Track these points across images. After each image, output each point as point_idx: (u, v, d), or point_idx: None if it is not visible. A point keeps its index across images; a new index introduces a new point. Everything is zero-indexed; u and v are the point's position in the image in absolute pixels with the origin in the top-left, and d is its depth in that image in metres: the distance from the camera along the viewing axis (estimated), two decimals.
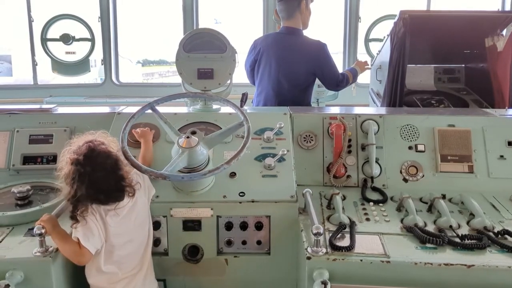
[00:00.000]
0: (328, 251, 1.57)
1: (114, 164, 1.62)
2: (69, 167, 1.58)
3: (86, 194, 1.56)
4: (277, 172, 2.00)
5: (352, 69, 3.62)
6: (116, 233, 1.65)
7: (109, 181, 1.60)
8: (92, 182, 1.56)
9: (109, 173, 1.60)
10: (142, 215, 1.75)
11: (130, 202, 1.68)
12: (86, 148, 1.59)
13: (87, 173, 1.56)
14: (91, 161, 1.57)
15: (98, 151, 1.60)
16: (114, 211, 1.63)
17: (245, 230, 1.89)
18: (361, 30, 5.64)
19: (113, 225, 1.64)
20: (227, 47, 2.37)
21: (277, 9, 3.45)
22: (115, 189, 1.61)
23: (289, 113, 2.33)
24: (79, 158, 1.57)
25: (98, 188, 1.58)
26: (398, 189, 2.06)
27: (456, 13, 3.34)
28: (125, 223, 1.67)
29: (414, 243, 1.63)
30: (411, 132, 2.24)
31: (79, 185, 1.55)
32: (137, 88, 5.99)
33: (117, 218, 1.64)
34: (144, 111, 1.94)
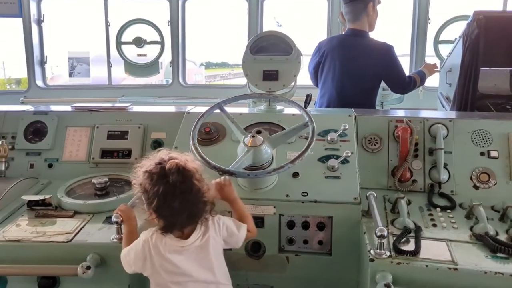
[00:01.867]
0: (392, 254, 1.56)
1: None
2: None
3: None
4: (340, 174, 2.00)
5: (420, 72, 3.52)
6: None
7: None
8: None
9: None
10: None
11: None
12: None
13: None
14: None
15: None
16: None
17: (307, 230, 1.91)
18: (430, 32, 5.45)
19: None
20: (292, 49, 2.41)
21: (342, 11, 3.44)
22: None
23: (354, 115, 2.32)
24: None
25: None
26: (468, 196, 1.98)
27: None
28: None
29: (484, 252, 1.57)
30: (483, 137, 2.15)
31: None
32: (202, 89, 6.23)
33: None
34: (213, 111, 2.03)
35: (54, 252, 1.70)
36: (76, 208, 1.96)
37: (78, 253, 1.67)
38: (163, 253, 1.53)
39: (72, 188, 2.15)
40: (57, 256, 1.69)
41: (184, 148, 2.14)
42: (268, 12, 5.81)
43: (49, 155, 2.42)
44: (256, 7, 5.48)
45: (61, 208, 1.98)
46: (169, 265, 1.53)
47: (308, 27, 8.30)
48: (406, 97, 4.60)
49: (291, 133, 1.99)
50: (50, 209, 1.95)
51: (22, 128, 2.48)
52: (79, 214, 1.93)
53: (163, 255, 1.53)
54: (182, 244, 1.54)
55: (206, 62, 20.64)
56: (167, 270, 1.54)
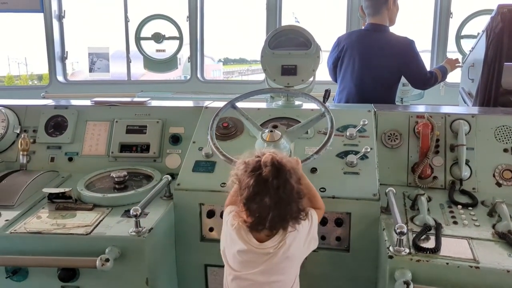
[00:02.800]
0: (411, 251, 1.53)
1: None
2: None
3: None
4: (359, 170, 1.98)
5: (441, 67, 3.45)
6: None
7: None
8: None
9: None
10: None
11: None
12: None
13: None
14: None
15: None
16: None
17: (324, 226, 1.90)
18: (452, 27, 5.33)
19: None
20: (311, 43, 2.39)
21: (362, 5, 3.40)
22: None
23: (373, 111, 2.29)
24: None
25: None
26: (490, 194, 1.94)
27: None
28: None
29: (507, 251, 1.54)
30: (507, 133, 2.09)
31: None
32: (220, 85, 6.25)
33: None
34: (226, 110, 2.02)
35: (73, 244, 1.73)
36: (96, 201, 1.98)
37: (97, 245, 1.69)
38: (236, 246, 1.47)
39: (91, 182, 2.17)
40: (77, 249, 1.71)
41: (202, 143, 2.16)
42: (287, 7, 5.78)
43: (69, 149, 2.45)
44: (274, 2, 5.45)
45: (80, 201, 2.01)
46: (236, 257, 1.48)
47: (326, 22, 8.23)
48: (427, 93, 4.51)
49: (308, 125, 1.98)
50: (70, 202, 1.97)
51: (43, 122, 2.52)
52: (98, 207, 1.95)
53: (236, 247, 1.47)
54: (257, 247, 1.44)
55: (225, 58, 20.77)
56: (234, 260, 1.49)
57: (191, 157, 2.12)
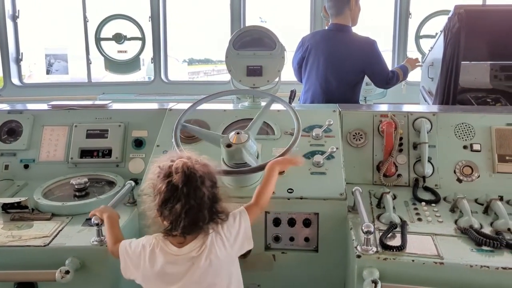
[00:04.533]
0: (378, 250, 1.55)
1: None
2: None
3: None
4: (326, 170, 1.99)
5: (402, 67, 3.53)
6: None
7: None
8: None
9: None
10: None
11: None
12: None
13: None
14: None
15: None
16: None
17: (293, 227, 1.89)
18: (412, 27, 5.48)
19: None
20: (276, 44, 2.38)
21: (326, 5, 3.43)
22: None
23: (338, 110, 2.31)
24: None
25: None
26: (452, 190, 1.99)
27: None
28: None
29: (469, 245, 1.57)
30: (466, 131, 2.16)
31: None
32: (185, 86, 6.14)
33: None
34: (179, 127, 1.96)
35: (31, 256, 1.63)
36: (54, 210, 1.89)
37: (57, 257, 1.60)
38: (158, 262, 1.42)
39: (49, 190, 2.07)
40: (35, 261, 1.62)
41: (167, 146, 2.11)
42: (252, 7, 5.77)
43: (25, 156, 2.33)
44: (238, 2, 5.42)
45: (38, 210, 1.91)
46: (162, 275, 1.42)
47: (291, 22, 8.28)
48: (389, 92, 4.61)
49: (263, 114, 1.98)
50: (27, 212, 1.87)
51: None
52: (57, 217, 1.86)
53: (158, 264, 1.42)
54: (177, 253, 1.42)
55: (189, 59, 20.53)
56: (162, 280, 1.43)
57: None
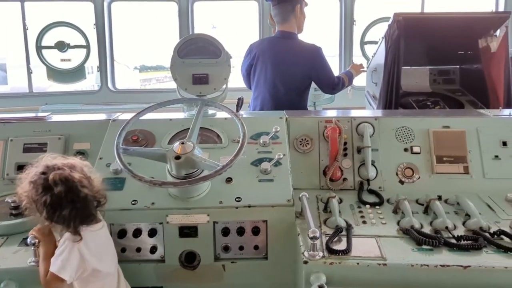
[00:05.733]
0: (325, 255, 1.57)
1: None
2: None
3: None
4: (273, 177, 2.00)
5: (347, 72, 3.63)
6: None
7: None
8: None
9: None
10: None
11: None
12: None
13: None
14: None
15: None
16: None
17: (242, 236, 1.88)
18: (357, 33, 5.68)
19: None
20: (221, 52, 2.37)
21: (271, 13, 3.47)
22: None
23: (285, 117, 2.33)
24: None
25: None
26: (395, 191, 2.06)
27: (449, 15, 3.37)
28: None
29: (410, 245, 1.63)
30: (406, 134, 2.24)
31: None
32: (134, 94, 6.00)
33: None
34: (120, 149, 1.87)
35: None
36: None
37: None
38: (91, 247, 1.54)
39: None
40: None
41: (110, 159, 2.04)
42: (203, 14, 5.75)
43: None
44: (186, 9, 5.39)
45: None
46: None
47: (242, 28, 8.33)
48: (337, 97, 4.74)
49: (197, 120, 1.97)
50: None
51: None
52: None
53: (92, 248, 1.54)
54: (94, 229, 1.57)
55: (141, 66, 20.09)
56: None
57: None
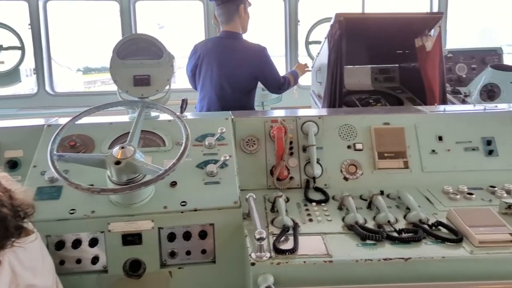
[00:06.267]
0: (272, 255, 1.56)
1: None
2: None
3: None
4: (219, 179, 1.97)
5: (293, 72, 3.68)
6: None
7: None
8: None
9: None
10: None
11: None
12: None
13: None
14: None
15: None
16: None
17: (188, 240, 1.84)
18: (302, 33, 5.76)
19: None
20: (163, 52, 2.31)
21: (215, 13, 3.44)
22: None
23: (231, 118, 2.31)
24: None
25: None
26: (340, 188, 2.09)
27: (388, 15, 3.50)
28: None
29: (355, 241, 1.66)
30: (349, 131, 2.29)
31: None
32: (75, 97, 5.73)
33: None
34: (54, 156, 1.77)
35: None
36: None
37: None
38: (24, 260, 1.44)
39: None
40: None
41: (45, 167, 1.92)
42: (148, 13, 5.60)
43: None
44: (128, 8, 5.22)
45: None
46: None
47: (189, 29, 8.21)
48: (285, 96, 4.79)
49: (137, 123, 1.91)
50: None
51: None
52: None
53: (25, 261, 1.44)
54: (26, 242, 1.47)
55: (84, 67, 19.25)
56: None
57: (32, 184, 1.86)
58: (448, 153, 2.23)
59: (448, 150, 2.23)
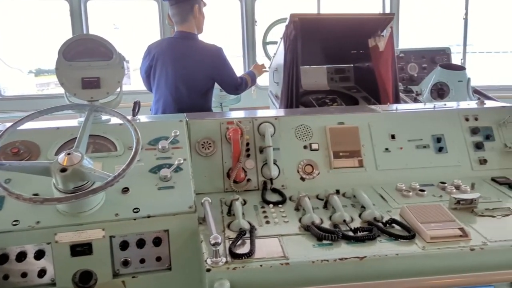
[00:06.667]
0: (228, 260, 1.53)
1: None
2: None
3: None
4: (174, 183, 1.91)
5: (250, 72, 3.67)
6: None
7: None
8: None
9: None
10: None
11: None
12: None
13: None
14: None
15: None
16: None
17: (142, 248, 1.77)
18: (259, 34, 5.77)
19: None
20: (113, 53, 2.23)
21: (169, 13, 3.38)
22: None
23: (185, 120, 2.26)
24: None
25: None
26: (297, 189, 2.09)
27: (342, 16, 3.55)
28: None
29: (312, 242, 1.66)
30: (305, 132, 2.30)
31: None
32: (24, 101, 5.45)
33: None
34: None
35: None
36: None
37: None
38: None
39: None
40: None
41: None
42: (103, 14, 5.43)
43: None
44: (78, 8, 5.03)
45: None
46: None
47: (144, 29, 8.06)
48: (243, 97, 4.78)
49: (85, 127, 1.84)
50: None
51: None
52: None
53: None
54: None
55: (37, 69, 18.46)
56: None
57: None
58: (400, 151, 2.28)
59: (400, 148, 2.28)
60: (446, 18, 8.32)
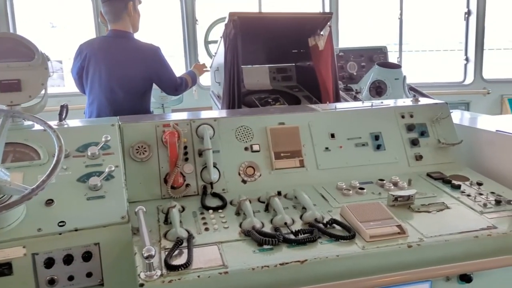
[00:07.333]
0: (163, 272, 1.44)
1: None
2: None
3: None
4: (104, 192, 1.79)
5: (190, 72, 3.57)
6: None
7: None
8: None
9: None
10: None
11: None
12: None
13: None
14: None
15: None
16: None
17: (70, 264, 1.64)
18: (200, 33, 5.65)
19: None
20: (35, 53, 2.05)
21: (102, 11, 3.20)
22: None
23: (118, 124, 2.12)
24: None
25: None
26: (238, 192, 2.02)
27: (282, 14, 3.52)
28: None
29: (252, 247, 1.60)
30: (245, 133, 2.24)
31: None
32: None
33: None
34: None
35: None
36: None
37: None
38: None
39: None
40: None
41: None
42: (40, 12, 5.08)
43: None
44: (3, 4, 4.67)
45: None
46: None
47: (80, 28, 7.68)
48: (186, 98, 4.65)
49: (2, 136, 1.68)
50: None
51: None
52: None
53: None
54: None
55: None
56: None
57: None
58: (340, 150, 2.28)
59: (340, 147, 2.29)
60: (383, 18, 8.63)
